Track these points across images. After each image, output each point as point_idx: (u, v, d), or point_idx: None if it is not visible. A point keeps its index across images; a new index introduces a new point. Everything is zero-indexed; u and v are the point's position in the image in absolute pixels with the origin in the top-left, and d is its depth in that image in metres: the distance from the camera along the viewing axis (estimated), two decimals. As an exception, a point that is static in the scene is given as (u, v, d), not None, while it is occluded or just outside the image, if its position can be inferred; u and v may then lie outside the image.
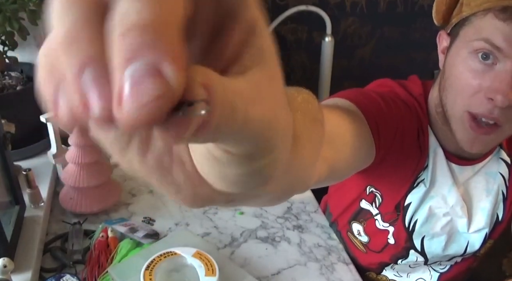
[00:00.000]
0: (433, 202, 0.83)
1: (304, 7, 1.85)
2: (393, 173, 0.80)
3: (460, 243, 0.86)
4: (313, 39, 2.17)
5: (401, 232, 0.87)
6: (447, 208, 0.83)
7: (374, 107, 0.72)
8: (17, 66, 1.15)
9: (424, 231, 0.85)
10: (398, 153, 0.76)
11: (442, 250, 0.86)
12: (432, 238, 0.86)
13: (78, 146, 0.97)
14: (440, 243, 0.86)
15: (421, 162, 0.80)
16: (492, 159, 0.82)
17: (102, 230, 0.93)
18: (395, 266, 0.94)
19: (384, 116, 0.72)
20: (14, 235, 0.87)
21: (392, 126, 0.73)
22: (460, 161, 0.82)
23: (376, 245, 0.93)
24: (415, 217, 0.85)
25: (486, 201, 0.83)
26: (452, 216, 0.84)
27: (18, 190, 0.93)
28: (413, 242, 0.87)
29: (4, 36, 1.07)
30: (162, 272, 0.81)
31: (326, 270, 0.93)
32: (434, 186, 0.83)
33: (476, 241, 0.85)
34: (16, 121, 0.97)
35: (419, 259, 0.90)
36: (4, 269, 0.75)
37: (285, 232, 1.02)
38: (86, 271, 0.86)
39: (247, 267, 0.92)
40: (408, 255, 0.90)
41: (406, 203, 0.84)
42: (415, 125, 0.78)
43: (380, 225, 0.89)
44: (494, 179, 0.82)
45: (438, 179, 0.82)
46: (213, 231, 1.01)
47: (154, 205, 1.08)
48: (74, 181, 0.98)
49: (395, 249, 0.90)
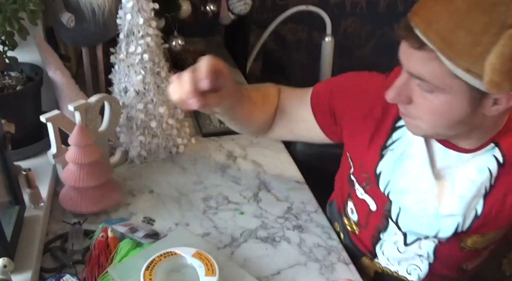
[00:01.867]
0: (406, 178, 0.87)
1: (304, 7, 1.85)
2: (353, 139, 0.95)
3: (431, 224, 0.87)
4: (313, 39, 2.17)
5: (378, 197, 0.92)
6: (419, 185, 0.86)
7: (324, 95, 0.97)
8: (17, 66, 1.15)
9: (398, 202, 0.89)
10: (350, 125, 0.93)
11: (414, 225, 0.89)
12: (406, 212, 0.89)
13: (78, 146, 0.97)
14: (412, 218, 0.88)
15: (382, 133, 0.90)
16: (484, 154, 0.83)
17: (102, 230, 0.93)
18: (385, 248, 0.96)
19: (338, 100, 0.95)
20: (14, 235, 0.87)
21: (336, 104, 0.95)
22: (444, 142, 0.84)
23: (362, 218, 0.98)
24: (389, 187, 0.89)
25: (466, 190, 0.83)
26: (424, 194, 0.86)
27: (18, 190, 0.93)
28: (390, 210, 0.91)
29: (4, 36, 1.07)
30: (162, 272, 0.81)
31: (326, 270, 0.93)
32: (408, 160, 0.87)
33: (448, 227, 0.86)
34: (16, 121, 0.97)
35: (398, 234, 0.92)
36: (4, 269, 0.75)
37: (285, 232, 1.02)
38: (86, 271, 0.87)
39: (247, 267, 0.92)
40: (388, 225, 0.93)
41: (378, 171, 0.90)
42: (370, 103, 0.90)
43: (359, 194, 0.96)
44: (481, 173, 0.82)
45: (414, 154, 0.87)
46: (213, 231, 1.01)
47: (154, 205, 1.08)
48: (74, 181, 0.98)
49: (377, 218, 0.94)
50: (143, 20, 1.09)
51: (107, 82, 1.28)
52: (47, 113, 0.99)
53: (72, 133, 0.98)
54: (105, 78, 1.32)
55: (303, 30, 2.27)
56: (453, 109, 0.73)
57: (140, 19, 1.09)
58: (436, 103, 0.73)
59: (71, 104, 0.99)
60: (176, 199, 1.10)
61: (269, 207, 1.09)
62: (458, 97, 0.71)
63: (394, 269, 0.98)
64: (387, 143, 0.90)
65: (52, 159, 1.03)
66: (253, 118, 0.99)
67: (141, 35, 1.11)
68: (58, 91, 1.18)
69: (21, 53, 1.13)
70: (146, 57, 1.12)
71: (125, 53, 1.13)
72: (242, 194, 1.13)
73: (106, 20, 1.21)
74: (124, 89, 1.17)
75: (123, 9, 1.10)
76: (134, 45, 1.11)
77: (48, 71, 1.16)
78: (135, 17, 1.09)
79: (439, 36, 0.66)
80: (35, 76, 1.16)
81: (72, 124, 1.01)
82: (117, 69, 1.18)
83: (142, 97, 1.16)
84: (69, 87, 1.17)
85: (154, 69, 1.15)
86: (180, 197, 1.11)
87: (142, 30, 1.10)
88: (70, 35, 1.23)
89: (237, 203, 1.10)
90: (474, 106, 0.72)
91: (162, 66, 1.17)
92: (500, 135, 0.82)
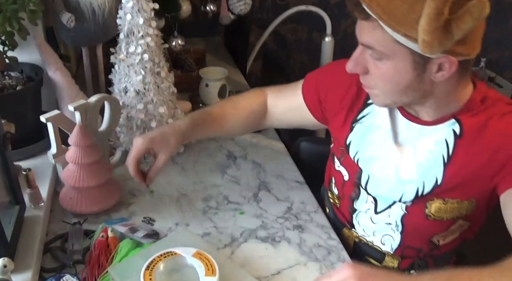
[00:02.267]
0: (372, 146, 0.97)
1: (304, 7, 1.86)
2: (333, 118, 1.04)
3: (395, 188, 0.94)
4: (313, 39, 2.17)
5: (350, 166, 1.01)
6: (383, 153, 0.95)
7: (312, 82, 1.08)
8: (17, 66, 1.15)
9: (366, 169, 0.98)
10: (332, 106, 1.04)
11: (380, 190, 0.97)
12: (373, 178, 0.97)
13: (78, 146, 0.97)
14: (379, 183, 0.96)
15: (354, 109, 1.00)
16: (444, 129, 0.89)
17: (102, 230, 0.93)
18: (361, 218, 1.02)
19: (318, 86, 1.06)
20: (14, 235, 0.87)
21: (321, 90, 1.05)
22: (408, 115, 0.93)
23: (339, 189, 1.06)
24: (358, 155, 0.99)
25: (424, 159, 0.91)
26: (387, 162, 0.95)
27: (18, 190, 0.93)
28: (360, 177, 0.99)
29: (4, 36, 1.07)
30: (162, 272, 0.81)
31: (326, 270, 0.93)
32: (374, 131, 0.97)
33: (410, 191, 0.93)
34: (16, 121, 0.98)
35: (369, 200, 0.99)
36: (4, 269, 0.75)
37: (285, 232, 1.02)
38: (86, 271, 0.87)
39: (247, 267, 0.92)
40: (359, 193, 1.01)
41: (348, 142, 1.00)
42: (348, 83, 1.00)
43: (337, 166, 1.05)
44: (439, 144, 0.89)
45: (379, 125, 0.96)
46: (213, 231, 1.01)
47: (154, 205, 1.08)
48: (74, 181, 0.98)
49: (350, 188, 1.02)
50: (143, 20, 1.09)
51: (107, 82, 1.29)
52: (47, 113, 0.99)
53: (72, 133, 0.98)
54: (105, 78, 1.32)
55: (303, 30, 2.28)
56: (400, 73, 0.81)
57: (140, 19, 1.09)
58: (385, 70, 0.82)
59: (71, 104, 0.99)
60: (176, 199, 1.10)
61: (269, 207, 1.09)
62: (402, 61, 0.80)
63: (370, 239, 1.02)
64: (358, 117, 1.00)
65: (52, 159, 1.03)
66: (228, 127, 1.12)
67: (141, 35, 1.11)
68: (58, 91, 1.18)
69: (21, 53, 1.14)
70: (146, 57, 1.12)
71: (125, 53, 1.13)
72: (242, 194, 1.13)
73: (106, 20, 1.21)
74: (124, 89, 1.17)
75: (123, 9, 1.10)
76: (134, 45, 1.11)
77: (48, 71, 1.16)
78: (135, 17, 1.09)
79: (380, 7, 0.75)
80: (35, 76, 1.16)
81: (72, 124, 1.01)
82: (117, 69, 1.18)
83: (142, 97, 1.16)
84: (69, 87, 1.17)
85: (154, 69, 1.15)
86: (180, 197, 1.11)
87: (142, 30, 1.10)
88: (70, 35, 1.23)
89: (237, 203, 1.10)
90: (419, 70, 0.80)
91: (162, 66, 1.17)
92: (462, 114, 0.88)
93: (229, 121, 1.11)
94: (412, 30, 0.73)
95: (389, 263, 1.02)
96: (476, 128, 0.86)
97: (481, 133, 0.86)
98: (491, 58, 2.85)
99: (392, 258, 1.01)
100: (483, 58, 2.81)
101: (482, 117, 0.87)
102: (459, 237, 0.99)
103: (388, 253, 1.01)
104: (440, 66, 0.79)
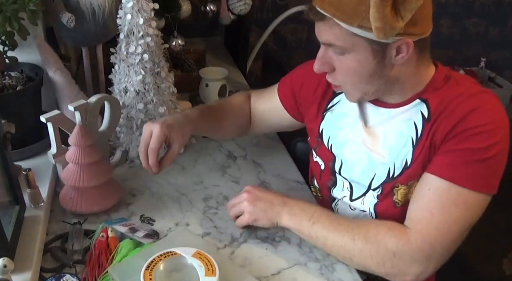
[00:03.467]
0: (343, 131, 1.02)
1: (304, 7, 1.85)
2: (307, 111, 1.10)
3: (367, 172, 0.98)
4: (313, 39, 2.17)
5: (324, 154, 1.06)
6: (353, 137, 1.00)
7: (287, 83, 1.15)
8: (17, 66, 1.15)
9: (339, 155, 1.03)
10: (306, 99, 1.10)
11: (353, 173, 1.01)
12: (346, 162, 1.02)
13: (78, 146, 0.97)
14: (351, 167, 1.01)
15: (325, 99, 1.06)
16: (411, 110, 0.93)
17: (102, 230, 0.93)
18: (339, 208, 1.06)
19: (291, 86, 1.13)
20: (14, 235, 0.87)
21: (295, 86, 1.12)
22: (375, 102, 0.97)
23: (318, 180, 1.10)
24: (330, 141, 1.04)
25: (394, 140, 0.94)
26: (358, 146, 0.99)
27: (18, 190, 0.93)
28: (335, 164, 1.04)
29: (4, 36, 1.07)
30: (162, 272, 0.81)
31: (326, 270, 0.93)
32: (343, 118, 1.02)
33: (380, 174, 0.96)
34: (16, 121, 0.97)
35: (345, 186, 1.03)
36: (4, 269, 0.75)
37: (285, 232, 1.02)
38: (86, 271, 0.87)
39: (247, 267, 0.92)
40: (336, 181, 1.05)
41: (320, 130, 1.06)
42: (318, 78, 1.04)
43: (314, 157, 1.10)
44: (407, 126, 0.93)
45: (348, 112, 1.01)
46: (213, 231, 1.01)
47: (154, 205, 1.08)
48: (74, 181, 0.98)
49: (327, 176, 1.07)
50: (143, 20, 1.09)
51: (107, 82, 1.29)
52: (47, 113, 0.99)
53: (72, 133, 0.98)
54: (105, 78, 1.32)
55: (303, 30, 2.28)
56: (363, 63, 0.86)
57: (140, 19, 1.09)
58: (348, 63, 0.87)
59: (71, 104, 0.99)
60: (176, 199, 1.10)
61: (269, 207, 1.09)
62: (362, 51, 0.85)
63: None
64: (328, 106, 1.06)
65: (52, 159, 1.03)
66: (223, 125, 1.16)
67: (141, 35, 1.11)
68: (58, 91, 1.18)
69: (21, 53, 1.14)
70: (146, 57, 1.12)
71: (125, 53, 1.13)
72: (242, 194, 1.13)
73: (106, 20, 1.21)
74: (124, 89, 1.17)
75: (123, 9, 1.10)
76: (134, 45, 1.11)
77: (48, 71, 1.16)
78: (135, 17, 1.09)
79: (332, 5, 0.82)
80: (35, 76, 1.16)
81: (72, 124, 1.01)
82: (117, 69, 1.18)
83: (142, 97, 1.16)
84: (69, 87, 1.17)
85: (154, 69, 1.15)
86: (180, 197, 1.11)
87: (142, 30, 1.10)
88: (70, 35, 1.23)
89: (237, 203, 1.10)
90: (379, 57, 0.85)
91: (162, 66, 1.17)
92: (427, 93, 0.92)
93: (225, 118, 1.15)
94: (365, 20, 0.79)
95: None
96: (443, 108, 0.89)
97: (448, 114, 0.88)
98: (491, 58, 2.85)
99: None
100: (483, 58, 2.81)
101: (448, 95, 0.90)
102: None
103: None
104: (398, 49, 0.84)
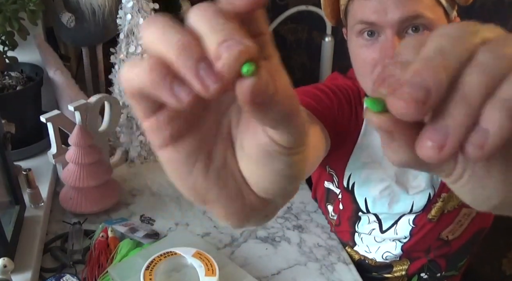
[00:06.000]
0: (368, 168, 0.90)
1: (304, 7, 1.85)
2: (339, 150, 0.88)
3: (405, 203, 0.90)
4: (313, 39, 2.17)
5: (345, 195, 0.94)
6: (383, 174, 0.89)
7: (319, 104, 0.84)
8: (17, 66, 1.15)
9: (364, 194, 0.92)
10: (339, 134, 0.86)
11: (388, 209, 0.91)
12: (374, 200, 0.91)
13: (78, 146, 0.97)
14: (383, 204, 0.91)
15: (355, 134, 0.89)
16: None
17: (102, 230, 0.93)
18: (363, 238, 0.98)
19: (327, 107, 0.85)
20: (14, 235, 0.87)
21: (333, 113, 0.85)
22: None
23: (333, 207, 1.00)
24: (352, 179, 0.92)
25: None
26: (389, 182, 0.89)
27: (18, 190, 0.93)
28: (357, 204, 0.93)
29: (4, 36, 1.07)
30: (162, 272, 0.81)
31: (326, 270, 0.93)
32: (368, 152, 0.89)
33: (420, 201, 0.89)
34: (16, 121, 0.97)
35: (371, 220, 0.94)
36: (4, 269, 0.75)
37: (285, 232, 1.02)
38: (86, 271, 0.87)
39: (247, 267, 0.92)
40: (360, 217, 0.95)
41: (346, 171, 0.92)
42: (349, 106, 0.88)
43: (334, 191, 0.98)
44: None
45: (372, 145, 0.88)
46: (213, 231, 1.01)
47: (154, 205, 1.08)
48: (74, 181, 0.98)
49: (347, 214, 0.96)
50: (143, 20, 1.09)
51: (107, 82, 1.28)
52: (47, 113, 0.99)
53: (72, 133, 0.98)
54: (105, 78, 1.32)
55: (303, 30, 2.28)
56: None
57: (140, 19, 1.09)
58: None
59: (71, 104, 0.99)
60: (176, 199, 1.10)
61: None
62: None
63: (371, 257, 0.99)
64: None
65: (52, 159, 1.03)
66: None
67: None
68: (58, 91, 1.18)
69: (21, 53, 1.14)
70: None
71: (125, 53, 1.13)
72: (242, 194, 1.13)
73: (106, 20, 1.21)
74: (124, 89, 1.17)
75: (123, 9, 1.10)
76: (134, 45, 1.11)
77: (48, 71, 1.16)
78: (135, 17, 1.09)
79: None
80: (35, 76, 1.16)
81: (72, 124, 1.01)
82: (117, 69, 1.18)
83: (142, 97, 1.16)
84: (69, 87, 1.17)
85: (154, 69, 1.15)
86: (180, 197, 1.11)
87: (142, 30, 1.10)
88: (70, 35, 1.23)
89: (237, 203, 1.10)
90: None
91: (162, 66, 1.17)
92: None
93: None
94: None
95: (397, 271, 0.99)
96: None
97: None
98: (491, 58, 2.85)
99: (400, 265, 0.98)
100: (483, 58, 2.81)
101: None
102: (469, 229, 0.96)
103: (394, 261, 0.97)
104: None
